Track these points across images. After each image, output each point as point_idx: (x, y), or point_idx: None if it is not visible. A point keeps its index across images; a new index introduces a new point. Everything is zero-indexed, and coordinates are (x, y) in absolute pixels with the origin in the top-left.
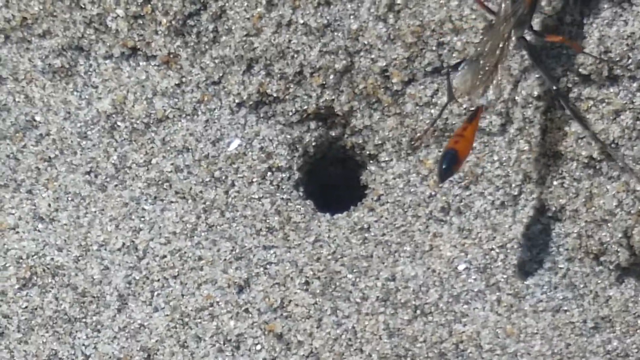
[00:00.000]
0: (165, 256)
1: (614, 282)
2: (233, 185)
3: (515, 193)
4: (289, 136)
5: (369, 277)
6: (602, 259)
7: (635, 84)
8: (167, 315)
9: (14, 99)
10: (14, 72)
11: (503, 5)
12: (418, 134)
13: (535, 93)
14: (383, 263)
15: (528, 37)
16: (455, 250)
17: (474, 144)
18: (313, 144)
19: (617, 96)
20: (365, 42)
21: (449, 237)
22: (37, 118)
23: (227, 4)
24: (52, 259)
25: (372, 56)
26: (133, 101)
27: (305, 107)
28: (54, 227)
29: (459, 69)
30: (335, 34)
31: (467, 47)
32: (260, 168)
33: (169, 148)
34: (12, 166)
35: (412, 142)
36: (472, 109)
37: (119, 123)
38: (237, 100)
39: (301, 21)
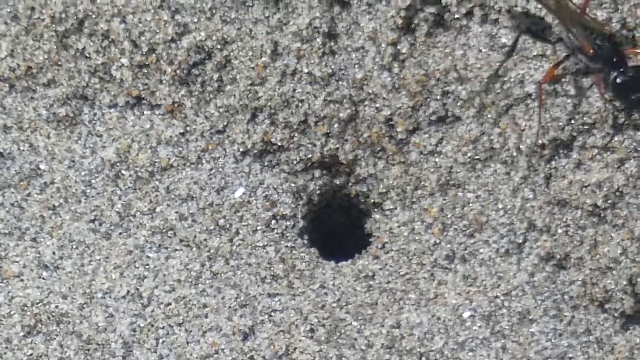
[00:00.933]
0: (169, 304)
1: (619, 329)
2: (237, 233)
3: (520, 241)
4: (293, 184)
5: (374, 324)
6: (607, 306)
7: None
8: None
9: (19, 148)
10: (18, 121)
11: None
12: None
13: (540, 141)
14: (388, 310)
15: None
16: (460, 297)
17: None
18: (317, 192)
19: (621, 144)
20: (370, 91)
21: (453, 284)
22: (42, 166)
23: (231, 54)
24: (57, 306)
25: (377, 105)
26: (137, 150)
27: (310, 155)
28: (58, 275)
29: None
30: (340, 83)
31: (472, 96)
32: (265, 216)
33: (173, 196)
34: (16, 214)
35: None
36: None
37: (123, 171)
38: (241, 149)
39: (306, 70)
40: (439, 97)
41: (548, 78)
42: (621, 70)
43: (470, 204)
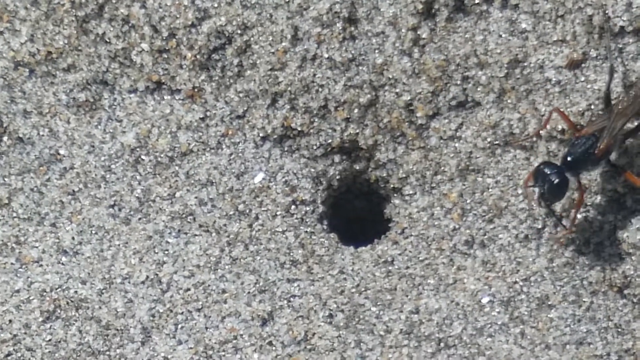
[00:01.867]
0: (189, 289)
1: (637, 315)
2: (257, 218)
3: (539, 226)
4: (313, 170)
5: (393, 309)
6: (625, 292)
7: None
8: (191, 348)
9: (38, 133)
10: (38, 106)
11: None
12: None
13: (560, 127)
14: (407, 296)
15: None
16: (479, 283)
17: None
18: (337, 177)
19: None
20: (390, 76)
21: (472, 270)
22: (61, 152)
23: (252, 39)
24: (76, 292)
25: (397, 90)
26: (157, 135)
27: (330, 140)
28: (77, 260)
29: None
30: (360, 68)
31: (492, 81)
32: (284, 201)
33: (193, 181)
34: (36, 199)
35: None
36: None
37: (143, 157)
38: (261, 134)
39: (326, 55)
40: (459, 82)
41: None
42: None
43: (490, 189)
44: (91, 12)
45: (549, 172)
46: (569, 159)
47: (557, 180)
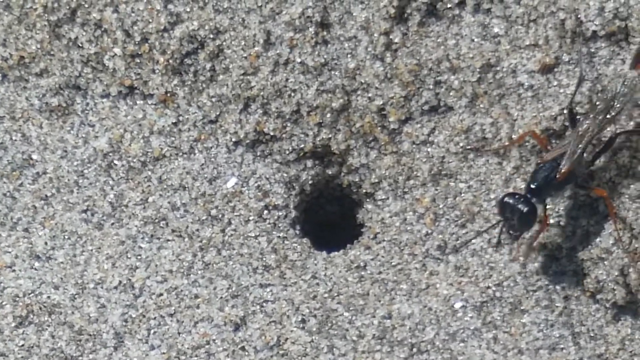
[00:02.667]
0: (161, 294)
1: (610, 320)
2: (230, 223)
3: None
4: (285, 174)
5: (366, 315)
6: (598, 297)
7: (632, 123)
8: (164, 353)
9: (11, 138)
10: (11, 111)
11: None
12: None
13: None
14: (379, 301)
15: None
16: (452, 288)
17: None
18: (310, 182)
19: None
20: (363, 81)
21: (445, 275)
22: (34, 156)
23: (224, 43)
24: (49, 297)
25: (369, 95)
26: (130, 140)
27: (302, 145)
28: (50, 265)
29: None
30: (333, 72)
31: (464, 85)
32: (257, 206)
33: (165, 186)
34: (8, 204)
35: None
36: None
37: (115, 161)
38: (234, 139)
39: (298, 60)
40: (431, 86)
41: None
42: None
43: (463, 194)
44: (63, 17)
45: (515, 203)
46: (532, 186)
47: (526, 209)
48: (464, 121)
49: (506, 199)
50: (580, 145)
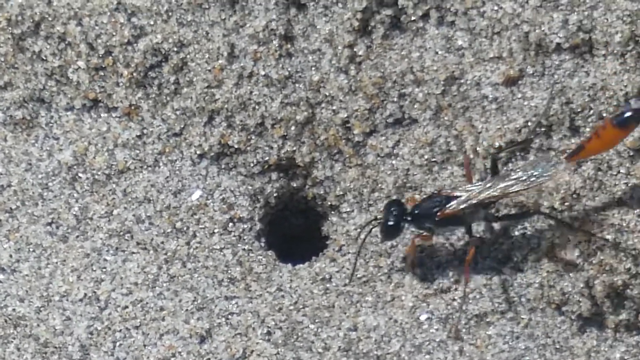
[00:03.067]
0: (127, 307)
1: (576, 332)
2: (195, 236)
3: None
4: (250, 187)
5: (331, 327)
6: (564, 309)
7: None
8: None
9: None
10: None
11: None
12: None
13: (497, 144)
14: (345, 313)
15: None
16: (417, 300)
17: None
18: (274, 194)
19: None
20: (327, 94)
21: (410, 287)
22: None
23: (188, 56)
24: (14, 309)
25: (334, 107)
26: (94, 152)
27: (267, 158)
28: (15, 278)
29: None
30: (297, 85)
31: (429, 98)
32: (222, 219)
33: (130, 199)
34: None
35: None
36: None
37: (80, 174)
38: (198, 152)
39: (262, 73)
40: (395, 99)
41: (411, 249)
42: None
43: None
44: (27, 30)
45: (390, 211)
46: (415, 210)
47: (389, 223)
48: (429, 134)
49: (391, 203)
50: (473, 200)
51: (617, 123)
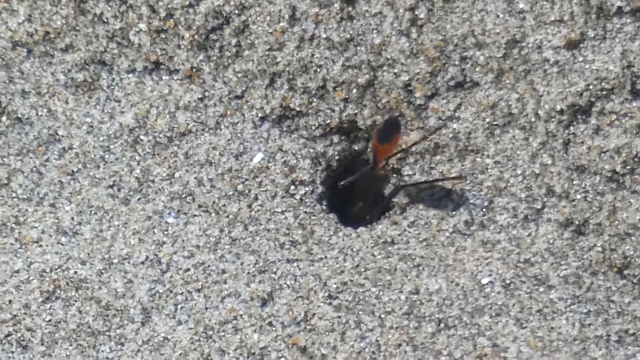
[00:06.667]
0: (188, 269)
1: (637, 295)
2: (256, 198)
3: (539, 207)
4: (312, 150)
5: (393, 290)
6: (625, 272)
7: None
8: (191, 328)
9: (37, 113)
10: (36, 86)
11: None
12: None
13: (558, 107)
14: (406, 276)
15: None
16: (479, 264)
17: None
18: (336, 157)
19: None
20: (388, 57)
21: (472, 250)
22: (60, 132)
23: (249, 19)
24: (76, 272)
25: (395, 70)
26: (156, 115)
27: (328, 121)
28: (77, 241)
29: None
30: (358, 48)
31: (490, 61)
32: (284, 182)
33: (192, 162)
34: (35, 180)
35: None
36: None
37: (141, 137)
38: (260, 114)
39: (324, 35)
40: (457, 62)
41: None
42: None
43: (489, 170)
44: None
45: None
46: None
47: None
48: (490, 97)
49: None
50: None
51: None
